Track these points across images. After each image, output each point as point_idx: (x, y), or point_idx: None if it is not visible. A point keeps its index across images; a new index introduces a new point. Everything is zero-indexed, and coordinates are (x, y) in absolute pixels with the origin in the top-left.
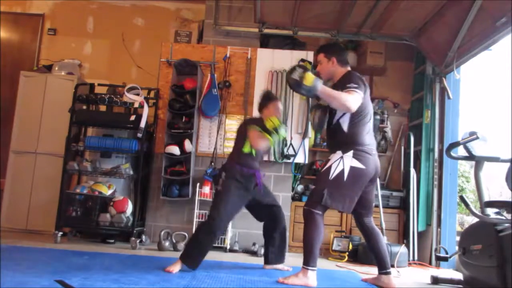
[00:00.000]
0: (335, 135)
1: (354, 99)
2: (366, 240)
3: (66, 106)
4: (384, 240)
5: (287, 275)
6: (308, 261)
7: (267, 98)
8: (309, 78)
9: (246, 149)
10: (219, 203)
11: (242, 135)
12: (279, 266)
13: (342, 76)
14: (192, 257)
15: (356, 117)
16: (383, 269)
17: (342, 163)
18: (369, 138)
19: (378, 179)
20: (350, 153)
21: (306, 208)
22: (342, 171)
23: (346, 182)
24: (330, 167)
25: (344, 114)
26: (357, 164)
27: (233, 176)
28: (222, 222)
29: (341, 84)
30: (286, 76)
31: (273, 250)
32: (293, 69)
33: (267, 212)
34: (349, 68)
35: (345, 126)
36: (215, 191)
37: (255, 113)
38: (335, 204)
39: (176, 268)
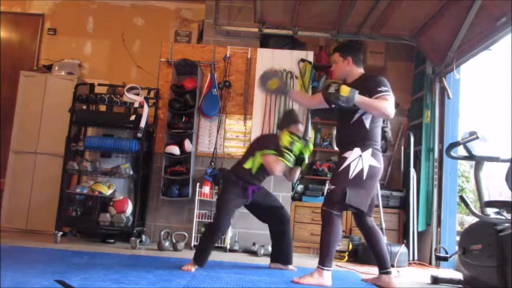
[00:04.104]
0: (355, 131)
1: (391, 105)
2: (366, 240)
3: (66, 106)
4: (384, 239)
5: (296, 275)
6: (324, 261)
7: (290, 119)
8: (345, 89)
9: (247, 165)
10: (218, 210)
11: (251, 150)
12: (288, 266)
13: (361, 78)
14: (201, 257)
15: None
16: (384, 268)
17: (361, 161)
18: (381, 138)
19: None
20: (369, 151)
21: (324, 209)
22: (362, 170)
23: (365, 181)
24: (349, 166)
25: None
26: (374, 163)
27: (227, 186)
28: (223, 224)
29: (366, 87)
30: (322, 92)
31: (279, 251)
32: (328, 85)
33: (268, 214)
34: (362, 69)
35: (367, 123)
36: (217, 196)
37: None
38: (356, 203)
39: (192, 267)
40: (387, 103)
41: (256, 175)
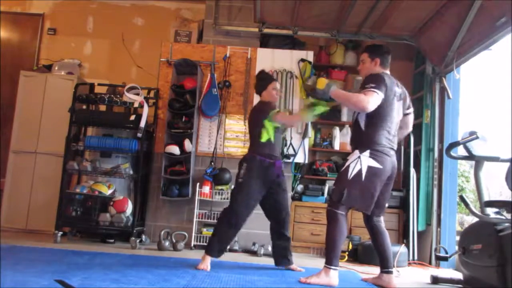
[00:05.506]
0: (354, 133)
1: (369, 99)
2: (372, 239)
3: (66, 106)
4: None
5: (303, 275)
6: (330, 261)
7: (265, 79)
8: (321, 82)
9: (264, 137)
10: (238, 194)
11: (255, 123)
12: (291, 266)
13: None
14: (213, 247)
15: (373, 117)
16: (385, 267)
17: (360, 162)
18: (387, 140)
19: None
20: (367, 152)
21: (329, 209)
22: (360, 171)
23: (364, 182)
24: (348, 166)
25: (360, 112)
26: (374, 163)
27: (253, 168)
28: (240, 212)
29: (362, 85)
30: (303, 85)
31: (279, 253)
32: (308, 78)
33: (275, 214)
34: (387, 71)
35: (362, 124)
36: (236, 182)
37: None
38: (354, 203)
39: (205, 265)
40: (363, 96)
41: (276, 146)
